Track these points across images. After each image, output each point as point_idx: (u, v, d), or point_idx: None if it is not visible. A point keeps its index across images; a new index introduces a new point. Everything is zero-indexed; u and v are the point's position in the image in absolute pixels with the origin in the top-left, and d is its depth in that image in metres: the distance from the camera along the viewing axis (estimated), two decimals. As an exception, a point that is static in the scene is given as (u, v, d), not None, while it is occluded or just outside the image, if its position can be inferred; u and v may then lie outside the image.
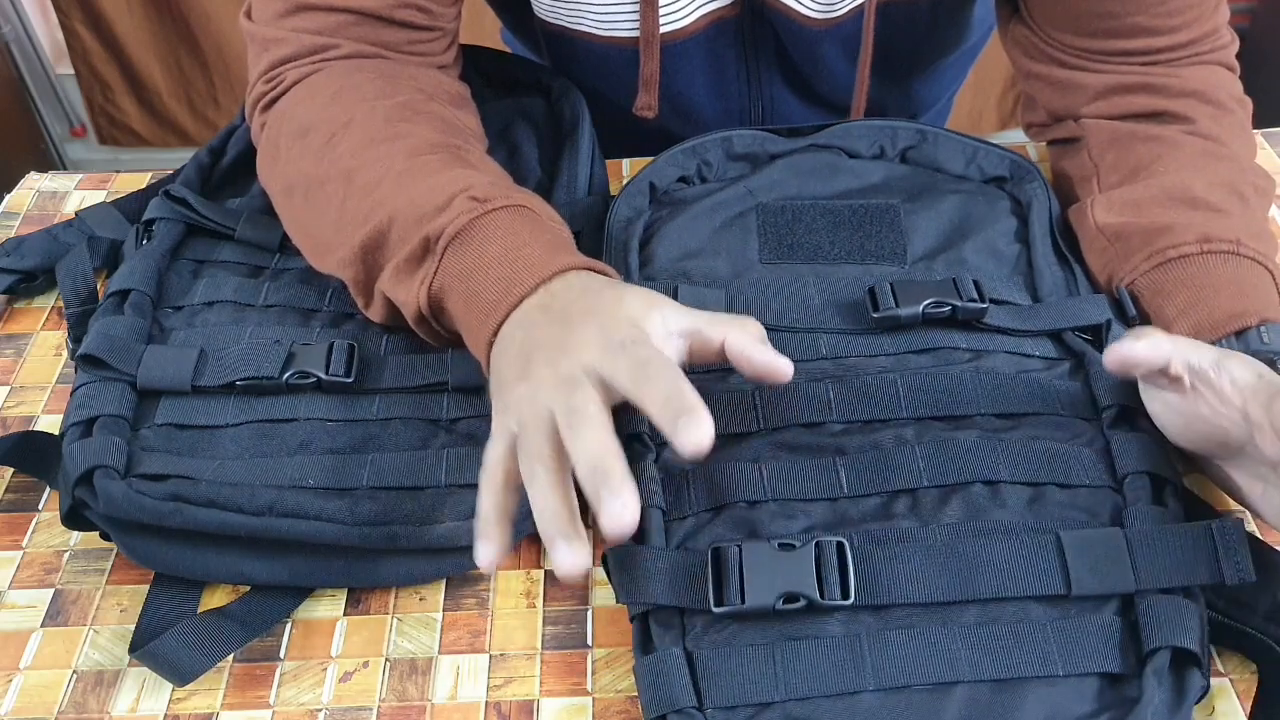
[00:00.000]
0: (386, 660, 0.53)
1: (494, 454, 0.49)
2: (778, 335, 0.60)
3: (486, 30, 0.97)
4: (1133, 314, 0.60)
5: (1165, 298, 0.60)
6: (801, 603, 0.48)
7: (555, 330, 0.50)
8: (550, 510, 0.45)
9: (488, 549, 0.47)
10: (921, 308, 0.59)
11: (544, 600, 0.55)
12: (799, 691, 0.46)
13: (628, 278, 0.64)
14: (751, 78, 0.81)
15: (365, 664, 0.52)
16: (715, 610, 0.48)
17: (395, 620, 0.54)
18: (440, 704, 0.51)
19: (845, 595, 0.48)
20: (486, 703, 0.51)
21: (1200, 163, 0.65)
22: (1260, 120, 0.80)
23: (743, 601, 0.48)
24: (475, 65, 0.81)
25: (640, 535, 0.52)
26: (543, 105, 0.80)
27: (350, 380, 0.59)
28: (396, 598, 0.55)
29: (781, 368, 0.50)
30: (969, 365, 0.58)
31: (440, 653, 0.53)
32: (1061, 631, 0.47)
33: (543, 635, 0.53)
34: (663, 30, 0.74)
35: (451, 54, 0.72)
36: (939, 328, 0.60)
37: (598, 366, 0.47)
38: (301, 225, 0.64)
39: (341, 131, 0.62)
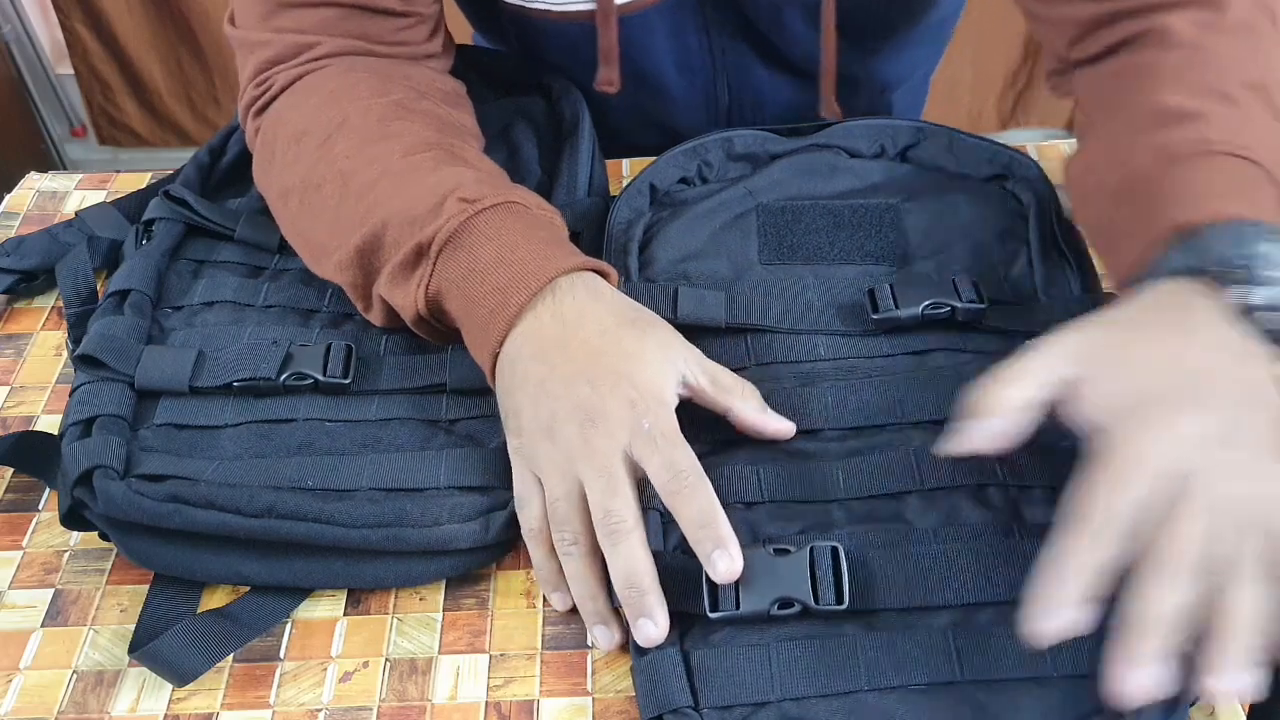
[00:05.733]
0: (386, 660, 0.53)
1: (533, 514, 0.53)
2: (777, 337, 0.60)
3: (486, 30, 0.97)
4: None
5: (1118, 224, 0.54)
6: (796, 608, 0.48)
7: (578, 386, 0.51)
8: (587, 594, 0.51)
9: (564, 598, 0.52)
10: (921, 308, 0.59)
11: (544, 600, 0.55)
12: (794, 691, 0.47)
13: (628, 279, 0.64)
14: (714, 47, 0.80)
15: (365, 664, 0.52)
16: (711, 616, 0.48)
17: (395, 620, 0.54)
18: (440, 704, 0.51)
19: (839, 600, 0.48)
20: (486, 703, 0.51)
21: (1173, 79, 0.57)
22: (1260, 120, 0.79)
23: (737, 607, 0.48)
24: (475, 65, 0.81)
25: None
26: (543, 105, 0.80)
27: (347, 382, 0.59)
28: (396, 598, 0.55)
29: (785, 431, 0.55)
30: (968, 368, 0.58)
31: (440, 653, 0.53)
32: None
33: (543, 635, 0.53)
34: (620, 1, 0.73)
35: (437, 43, 0.71)
36: (938, 329, 0.60)
37: (630, 452, 0.50)
38: (299, 230, 0.64)
39: (336, 133, 0.62)
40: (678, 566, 0.50)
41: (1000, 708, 0.46)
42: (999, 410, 0.46)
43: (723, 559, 0.47)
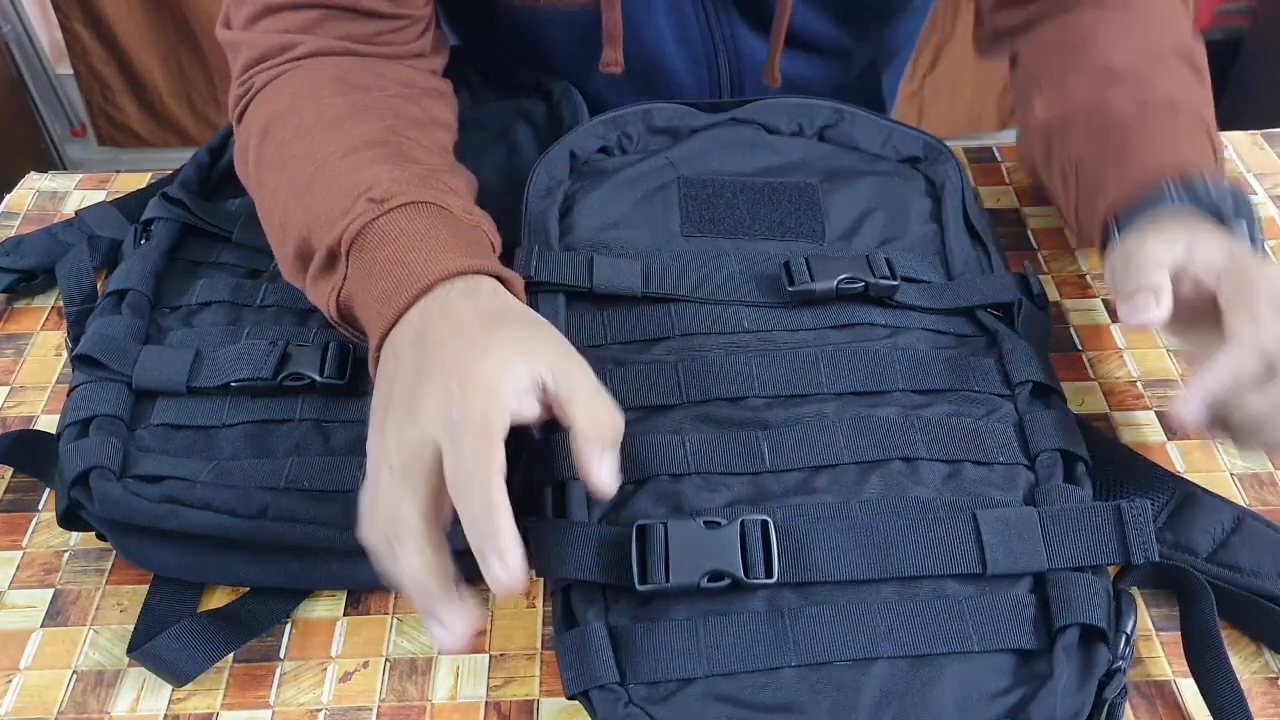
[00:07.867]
0: (386, 660, 0.53)
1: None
2: (702, 308, 0.60)
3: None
4: (1038, 291, 0.62)
5: (1106, 160, 0.62)
6: (726, 581, 0.47)
7: (412, 379, 0.47)
8: (417, 587, 0.44)
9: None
10: (835, 282, 0.59)
11: (544, 600, 0.55)
12: (722, 667, 0.46)
13: (547, 247, 0.62)
14: (711, 18, 0.79)
15: (365, 664, 0.52)
16: (640, 588, 0.47)
17: (395, 620, 0.54)
18: (440, 704, 0.51)
19: (769, 574, 0.48)
20: (486, 703, 0.51)
21: (1115, 37, 0.67)
22: (1261, 120, 0.80)
23: (668, 579, 0.47)
24: (475, 65, 0.81)
25: (562, 508, 0.51)
26: (543, 106, 0.80)
27: (344, 382, 0.59)
28: (396, 598, 0.55)
29: (601, 489, 0.46)
30: (887, 341, 0.58)
31: (440, 653, 0.53)
32: (977, 608, 0.48)
33: (543, 635, 0.53)
34: None
35: (425, 43, 0.71)
36: (857, 303, 0.60)
37: (437, 442, 0.45)
38: (266, 231, 0.63)
39: (291, 136, 0.61)
40: (605, 538, 0.49)
41: (925, 682, 0.46)
42: (1157, 294, 0.53)
43: (498, 566, 0.42)
